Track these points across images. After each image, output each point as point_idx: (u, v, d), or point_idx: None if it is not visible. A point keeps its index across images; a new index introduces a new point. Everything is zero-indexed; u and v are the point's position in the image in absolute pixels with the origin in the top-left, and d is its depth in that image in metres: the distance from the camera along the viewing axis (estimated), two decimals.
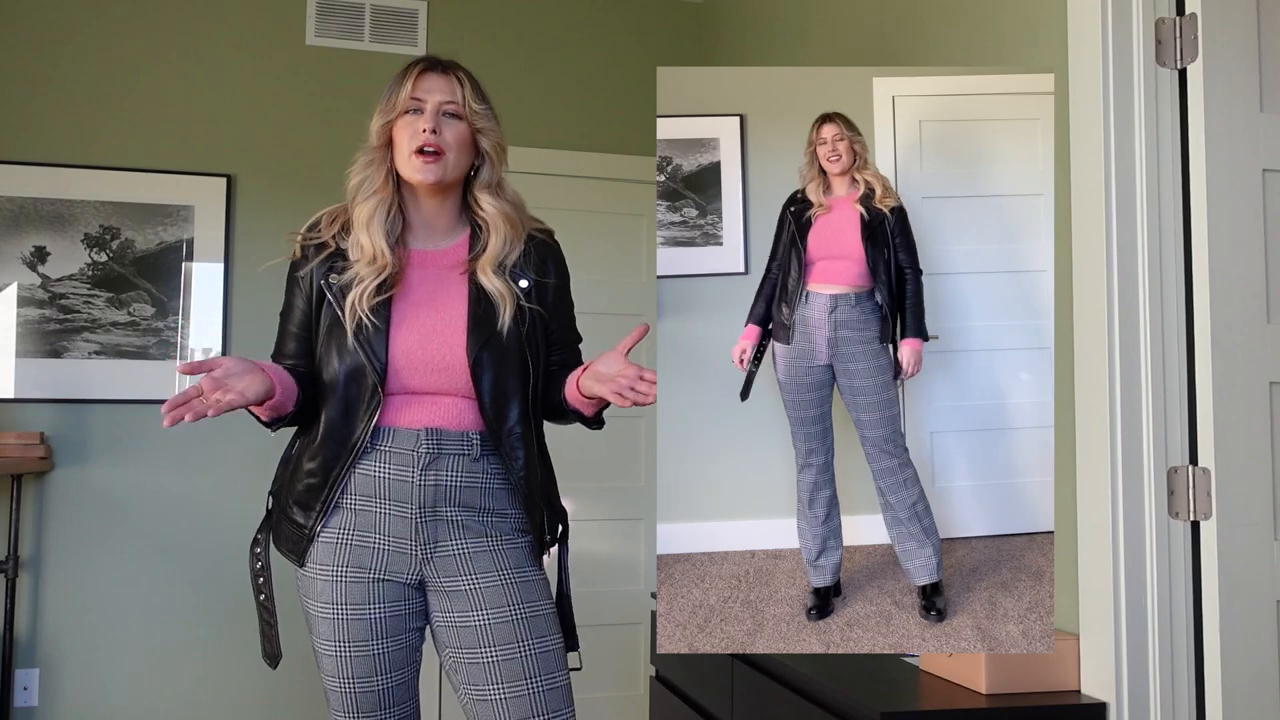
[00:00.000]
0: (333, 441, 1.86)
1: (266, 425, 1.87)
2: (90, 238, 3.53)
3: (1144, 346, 1.90)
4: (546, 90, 3.97)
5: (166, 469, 3.56)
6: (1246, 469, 1.84)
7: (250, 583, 1.96)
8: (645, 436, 3.97)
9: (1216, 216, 1.85)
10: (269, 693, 3.56)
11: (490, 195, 1.93)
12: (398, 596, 1.88)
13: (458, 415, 1.88)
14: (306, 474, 1.87)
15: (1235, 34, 1.90)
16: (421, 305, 1.89)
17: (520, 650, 1.84)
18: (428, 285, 1.92)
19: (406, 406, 1.87)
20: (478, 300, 1.89)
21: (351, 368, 1.86)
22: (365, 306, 1.85)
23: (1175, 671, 1.87)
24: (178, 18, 3.68)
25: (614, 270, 3.93)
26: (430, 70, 1.91)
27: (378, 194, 1.90)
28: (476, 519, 1.88)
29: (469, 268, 1.91)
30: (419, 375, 1.86)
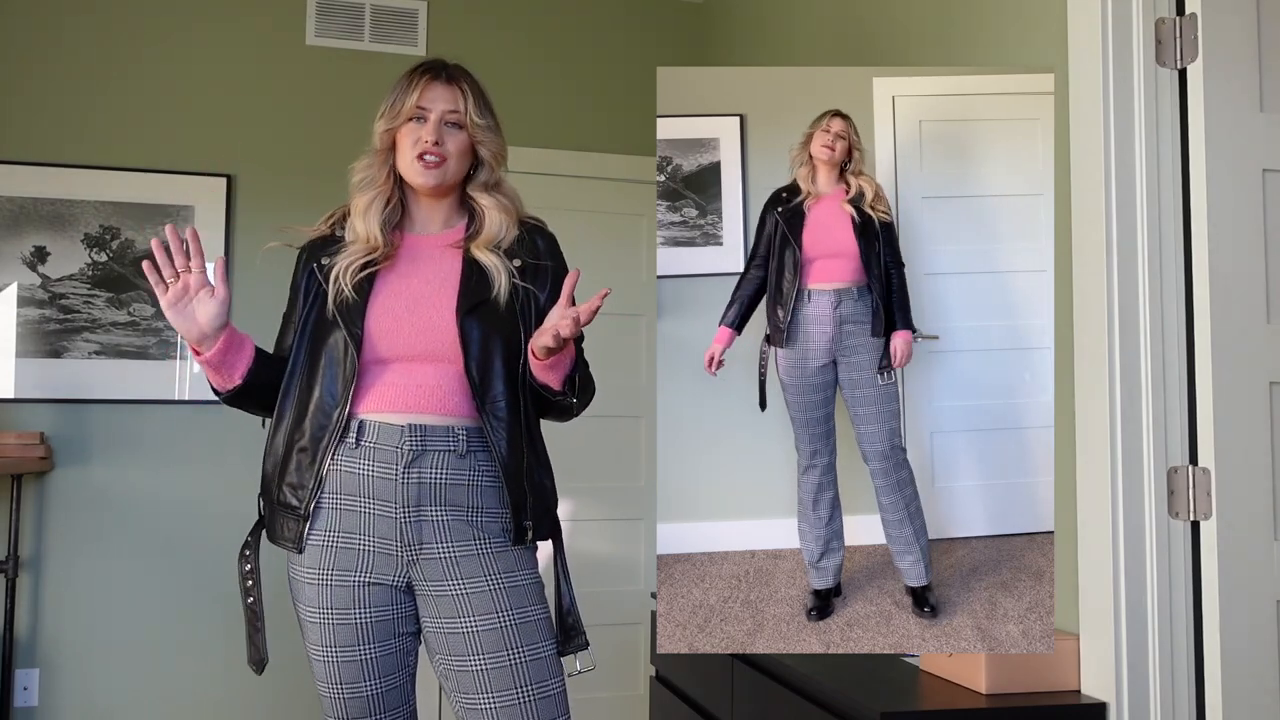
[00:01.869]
0: (319, 413, 1.86)
1: (218, 395, 1.91)
2: (90, 238, 3.53)
3: (1144, 346, 1.90)
4: (546, 90, 3.97)
5: (166, 469, 3.56)
6: (1246, 469, 1.84)
7: (239, 589, 1.94)
8: (645, 436, 3.97)
9: (1216, 216, 1.85)
10: (268, 693, 3.56)
11: (486, 192, 1.98)
12: (385, 601, 1.87)
13: (441, 397, 1.86)
14: (298, 451, 1.87)
15: (1235, 34, 1.90)
16: (409, 276, 1.92)
17: (510, 658, 1.82)
18: (418, 262, 1.94)
19: (388, 387, 1.86)
20: (470, 272, 1.92)
21: (331, 338, 1.88)
22: (347, 277, 1.88)
23: (1175, 671, 1.87)
24: (178, 18, 3.68)
25: (614, 270, 3.93)
26: (435, 79, 1.94)
27: (378, 187, 1.95)
28: (464, 519, 1.86)
29: (464, 245, 1.95)
30: (401, 339, 1.86)
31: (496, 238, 1.94)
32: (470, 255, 1.93)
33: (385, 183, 1.95)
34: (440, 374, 1.87)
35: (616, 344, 3.87)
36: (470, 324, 1.87)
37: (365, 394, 1.86)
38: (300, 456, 1.86)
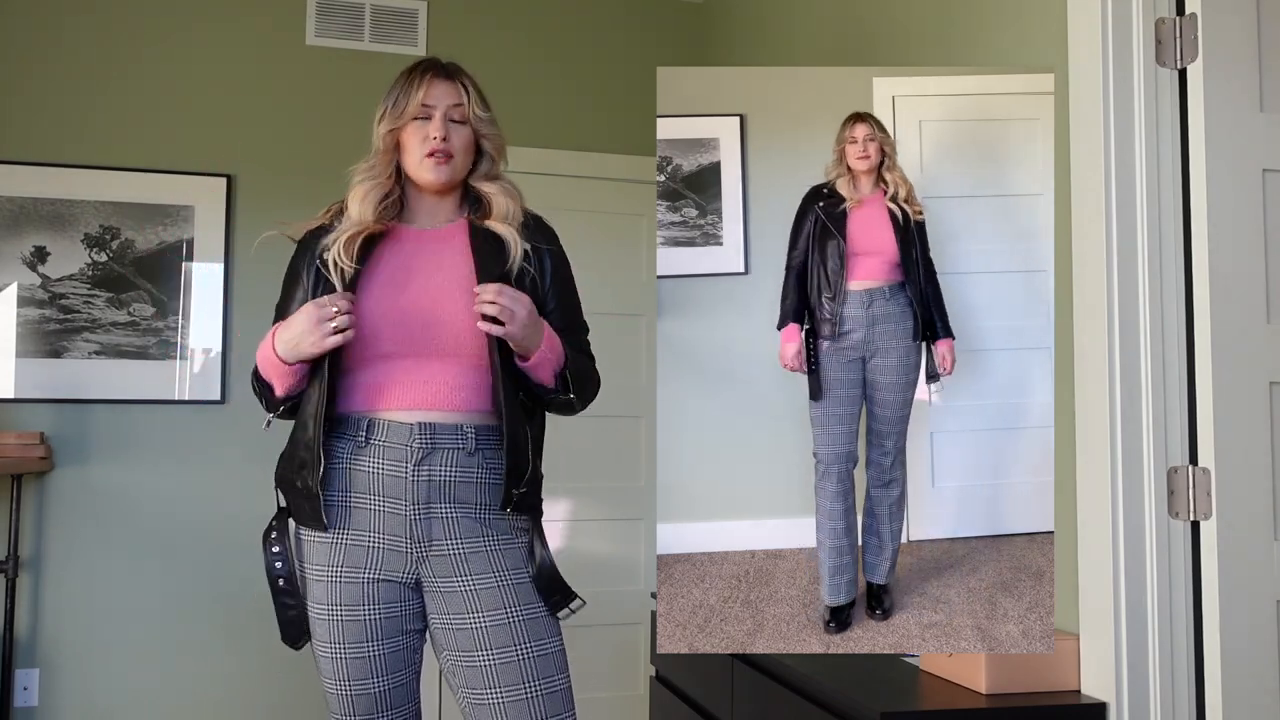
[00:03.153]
0: (315, 395, 1.86)
1: (273, 405, 1.90)
2: (90, 238, 3.53)
3: (1144, 346, 1.90)
4: (546, 90, 3.97)
5: (166, 469, 3.56)
6: (1246, 469, 1.84)
7: (266, 576, 1.91)
8: (645, 436, 3.97)
9: (1216, 216, 1.85)
10: (269, 692, 3.56)
11: (489, 180, 1.99)
12: (394, 598, 1.87)
13: (449, 394, 1.86)
14: (296, 431, 1.87)
15: (1235, 34, 1.90)
16: (415, 271, 1.90)
17: (518, 653, 1.83)
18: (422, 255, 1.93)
19: (396, 385, 1.85)
20: (483, 245, 1.91)
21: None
22: (340, 249, 1.87)
23: (1175, 671, 1.87)
24: (178, 18, 3.68)
25: (614, 270, 3.93)
26: (437, 76, 1.94)
27: (378, 181, 1.95)
28: (472, 516, 1.87)
29: (473, 222, 1.94)
30: (407, 335, 1.85)
31: (506, 214, 1.95)
32: (480, 228, 1.93)
33: (388, 179, 1.95)
34: (447, 370, 1.87)
35: (616, 344, 3.86)
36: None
37: (373, 391, 1.86)
38: (299, 435, 1.87)
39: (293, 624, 1.91)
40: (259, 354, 1.89)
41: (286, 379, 1.86)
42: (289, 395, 1.89)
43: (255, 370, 1.92)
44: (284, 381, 1.87)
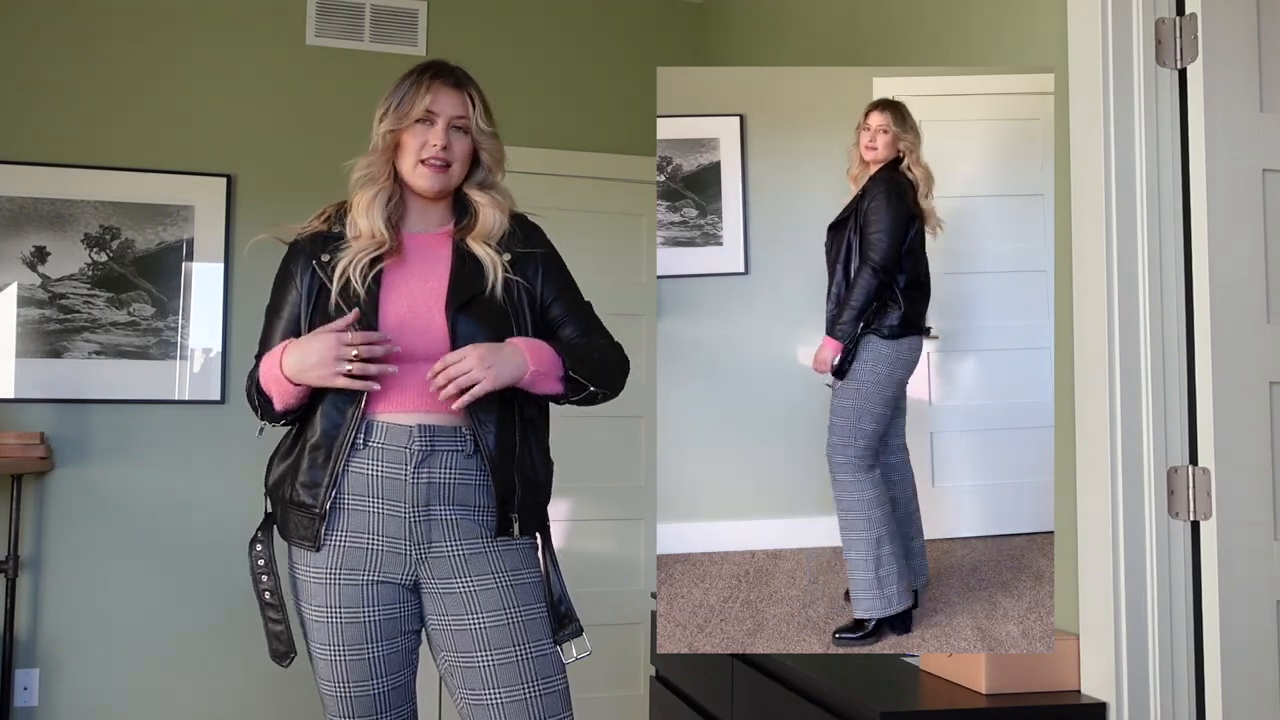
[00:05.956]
0: (332, 411, 1.84)
1: (270, 417, 1.88)
2: (90, 238, 3.53)
3: (1144, 346, 1.90)
4: (546, 90, 3.97)
5: (166, 469, 3.56)
6: (1246, 469, 1.84)
7: (251, 585, 1.93)
8: (645, 436, 3.97)
9: (1216, 216, 1.85)
10: (269, 693, 3.56)
11: (481, 189, 1.98)
12: (392, 599, 1.87)
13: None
14: (310, 449, 1.85)
15: (1235, 34, 1.89)
16: (410, 276, 1.91)
17: (517, 654, 1.83)
18: (419, 259, 1.94)
19: (395, 388, 1.85)
20: (462, 266, 1.91)
21: None
22: (357, 272, 1.86)
23: (1175, 671, 1.87)
24: (178, 18, 3.68)
25: (614, 270, 3.93)
26: (445, 84, 1.93)
27: (380, 184, 1.94)
28: (471, 518, 1.87)
29: (456, 238, 1.95)
30: (406, 339, 1.85)
31: (490, 230, 1.94)
32: (463, 247, 1.93)
33: (387, 180, 1.94)
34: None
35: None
36: (459, 320, 1.87)
37: (371, 393, 1.85)
38: (314, 454, 1.85)
39: (278, 639, 1.91)
40: (264, 366, 1.88)
41: (288, 398, 1.85)
42: (288, 411, 1.88)
43: (255, 378, 1.91)
44: (285, 400, 1.86)
